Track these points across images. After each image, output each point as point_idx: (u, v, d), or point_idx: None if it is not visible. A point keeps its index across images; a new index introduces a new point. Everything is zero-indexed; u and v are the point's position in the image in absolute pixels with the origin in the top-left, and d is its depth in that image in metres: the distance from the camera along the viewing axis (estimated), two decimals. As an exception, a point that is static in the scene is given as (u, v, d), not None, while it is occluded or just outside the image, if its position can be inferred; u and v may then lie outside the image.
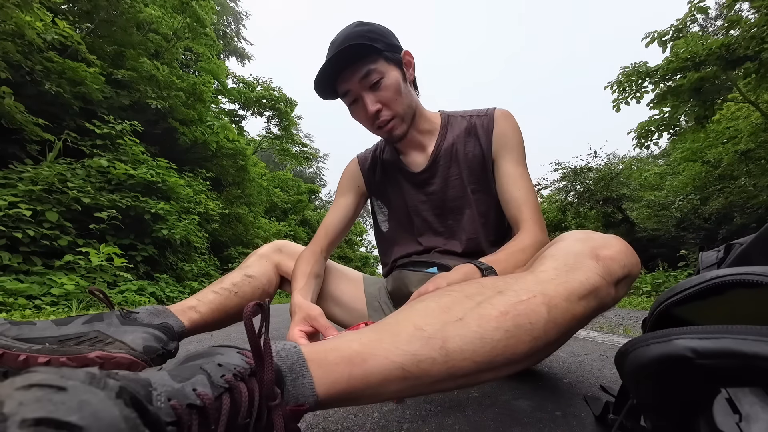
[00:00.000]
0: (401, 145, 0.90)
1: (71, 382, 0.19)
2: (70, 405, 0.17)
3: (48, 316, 2.41)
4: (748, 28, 5.27)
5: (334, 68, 0.76)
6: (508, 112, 0.87)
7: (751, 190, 6.85)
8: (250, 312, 0.29)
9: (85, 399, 0.18)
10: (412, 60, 0.84)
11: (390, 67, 0.78)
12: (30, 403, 0.17)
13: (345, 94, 0.80)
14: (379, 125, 0.81)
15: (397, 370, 0.35)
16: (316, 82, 0.78)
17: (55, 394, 0.18)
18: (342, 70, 0.76)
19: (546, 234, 0.75)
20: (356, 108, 0.81)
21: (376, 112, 0.78)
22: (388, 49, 0.77)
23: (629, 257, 0.49)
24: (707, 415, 0.28)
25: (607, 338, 1.67)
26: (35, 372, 0.19)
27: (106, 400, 0.19)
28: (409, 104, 0.82)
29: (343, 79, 0.77)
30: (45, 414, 0.16)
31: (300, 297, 0.74)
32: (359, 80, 0.76)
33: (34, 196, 3.48)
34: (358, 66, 0.75)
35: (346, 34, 0.76)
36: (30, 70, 4.11)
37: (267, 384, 0.29)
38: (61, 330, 0.54)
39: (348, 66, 0.75)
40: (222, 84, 9.70)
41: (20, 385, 0.18)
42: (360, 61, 0.75)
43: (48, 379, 0.18)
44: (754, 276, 0.32)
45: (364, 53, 0.75)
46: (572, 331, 0.44)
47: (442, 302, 0.41)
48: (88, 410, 0.18)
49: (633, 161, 11.51)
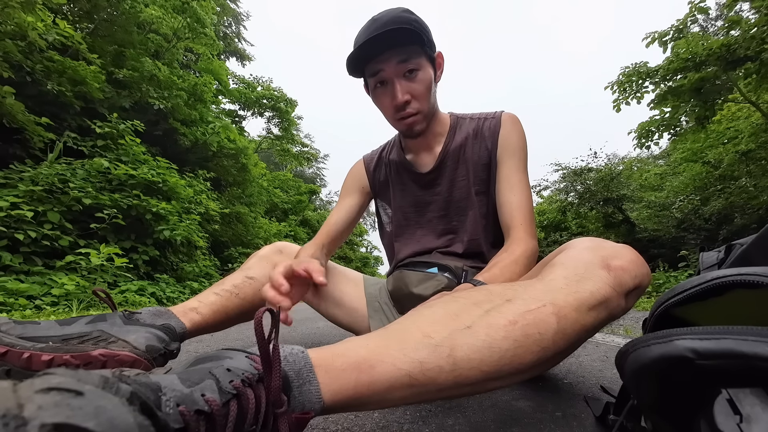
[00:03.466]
0: (412, 144, 0.90)
1: (87, 387, 0.19)
2: (88, 410, 0.18)
3: (48, 317, 2.42)
4: (749, 29, 5.27)
5: (376, 46, 0.73)
6: (515, 116, 0.87)
7: (751, 190, 6.84)
8: (260, 317, 0.29)
9: (102, 405, 0.18)
10: (442, 63, 0.84)
11: (426, 62, 0.77)
12: (49, 407, 0.17)
13: (376, 73, 0.77)
14: (402, 116, 0.79)
15: (404, 377, 0.35)
16: (353, 56, 0.75)
17: (73, 399, 0.18)
18: (384, 49, 0.74)
19: (536, 240, 0.75)
20: (383, 92, 0.79)
21: (404, 103, 0.77)
22: (428, 44, 0.77)
23: (640, 268, 0.48)
24: (708, 415, 0.28)
25: (607, 339, 1.67)
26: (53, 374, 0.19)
27: (121, 407, 0.19)
28: (433, 104, 0.82)
29: (382, 59, 0.75)
30: (63, 419, 0.16)
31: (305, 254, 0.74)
32: (396, 64, 0.74)
33: (35, 196, 3.48)
34: (400, 50, 0.74)
35: (394, 15, 0.74)
36: (31, 70, 4.11)
37: (274, 391, 0.29)
38: (64, 329, 0.54)
39: (390, 48, 0.74)
40: (223, 84, 9.70)
41: (39, 388, 0.18)
42: (403, 47, 0.74)
43: (66, 382, 0.18)
44: (754, 276, 0.32)
45: (410, 40, 0.73)
46: (581, 341, 0.43)
47: (450, 309, 0.41)
48: (104, 417, 0.18)
49: (633, 162, 11.51)
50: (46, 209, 3.49)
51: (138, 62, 5.71)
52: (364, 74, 0.80)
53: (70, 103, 4.57)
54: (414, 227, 0.94)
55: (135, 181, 4.53)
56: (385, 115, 0.83)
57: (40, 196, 3.51)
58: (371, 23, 0.75)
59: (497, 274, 0.65)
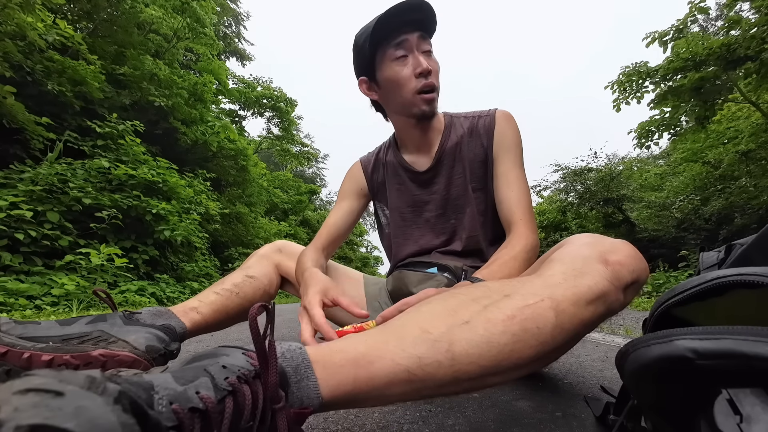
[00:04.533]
0: (410, 140, 0.91)
1: (70, 387, 0.19)
2: (67, 411, 0.17)
3: (48, 317, 2.42)
4: (749, 29, 5.27)
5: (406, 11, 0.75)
6: (508, 113, 0.88)
7: (751, 190, 6.85)
8: (255, 313, 0.29)
9: (83, 405, 0.18)
10: None
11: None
12: (26, 408, 0.16)
13: (401, 43, 0.78)
14: (424, 88, 0.79)
15: (403, 373, 0.35)
16: (381, 22, 0.75)
17: (52, 400, 0.17)
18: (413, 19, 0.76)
19: (537, 235, 0.75)
20: (405, 62, 0.79)
21: (428, 71, 0.78)
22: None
23: (638, 262, 0.48)
24: (708, 415, 0.28)
25: (607, 339, 1.67)
26: (34, 375, 0.19)
27: (104, 406, 0.19)
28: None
29: (407, 30, 0.77)
30: (41, 420, 0.16)
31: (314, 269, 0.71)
32: (419, 38, 0.77)
33: (35, 196, 3.48)
34: (425, 25, 0.77)
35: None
36: (31, 70, 4.11)
37: (271, 387, 0.29)
38: (65, 329, 0.54)
39: (419, 19, 0.76)
40: (223, 84, 9.71)
41: (17, 389, 0.17)
42: (427, 24, 0.77)
43: (46, 383, 0.18)
44: (754, 276, 0.32)
45: (433, 21, 0.77)
46: (579, 336, 0.43)
47: (448, 305, 0.41)
48: (84, 417, 0.17)
49: (633, 162, 11.50)
50: (45, 209, 3.49)
51: (138, 61, 5.72)
52: (376, 53, 0.80)
53: (70, 103, 4.58)
54: (412, 227, 0.94)
55: (135, 181, 4.54)
56: (403, 90, 0.80)
57: (39, 195, 3.51)
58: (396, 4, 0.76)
59: (496, 270, 0.65)
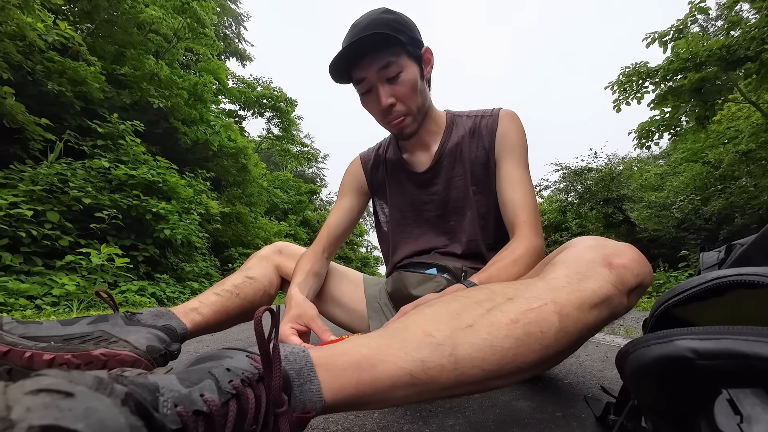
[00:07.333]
0: (407, 143, 0.89)
1: (79, 388, 0.19)
2: (77, 412, 0.17)
3: (48, 317, 2.42)
4: (749, 29, 5.27)
5: (355, 53, 0.72)
6: (513, 112, 0.86)
7: (752, 190, 6.85)
8: (260, 317, 0.29)
9: (92, 406, 0.18)
10: (431, 58, 0.82)
11: (410, 62, 0.76)
12: (37, 409, 0.17)
13: (360, 81, 0.77)
14: (390, 120, 0.79)
15: (406, 376, 0.35)
16: (333, 64, 0.74)
17: (63, 401, 0.18)
18: (362, 56, 0.73)
19: (542, 238, 0.74)
20: (369, 98, 0.79)
21: (389, 107, 0.76)
22: (411, 43, 0.75)
23: (642, 266, 0.48)
24: (708, 416, 0.28)
25: (608, 339, 1.67)
26: (44, 376, 0.19)
27: (113, 408, 0.19)
28: (423, 102, 0.81)
29: (362, 66, 0.74)
30: (51, 421, 0.16)
31: (297, 291, 0.71)
32: (378, 70, 0.73)
33: (35, 196, 3.48)
34: (379, 55, 0.72)
35: (371, 19, 0.73)
36: (31, 71, 4.11)
37: (274, 391, 0.29)
38: (66, 329, 0.55)
39: (369, 53, 0.72)
40: (223, 84, 9.70)
41: (29, 389, 0.18)
42: (382, 51, 0.72)
43: (56, 384, 0.18)
44: (754, 276, 0.32)
45: (388, 43, 0.72)
46: (583, 339, 0.43)
47: (451, 308, 0.41)
48: (94, 418, 0.18)
49: (633, 162, 11.51)
50: (45, 209, 3.49)
51: (139, 61, 5.71)
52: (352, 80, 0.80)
53: (70, 103, 4.57)
54: (412, 226, 0.93)
55: (135, 181, 4.53)
56: (376, 119, 0.83)
57: (39, 195, 3.51)
58: (351, 30, 0.74)
59: (494, 274, 0.64)
